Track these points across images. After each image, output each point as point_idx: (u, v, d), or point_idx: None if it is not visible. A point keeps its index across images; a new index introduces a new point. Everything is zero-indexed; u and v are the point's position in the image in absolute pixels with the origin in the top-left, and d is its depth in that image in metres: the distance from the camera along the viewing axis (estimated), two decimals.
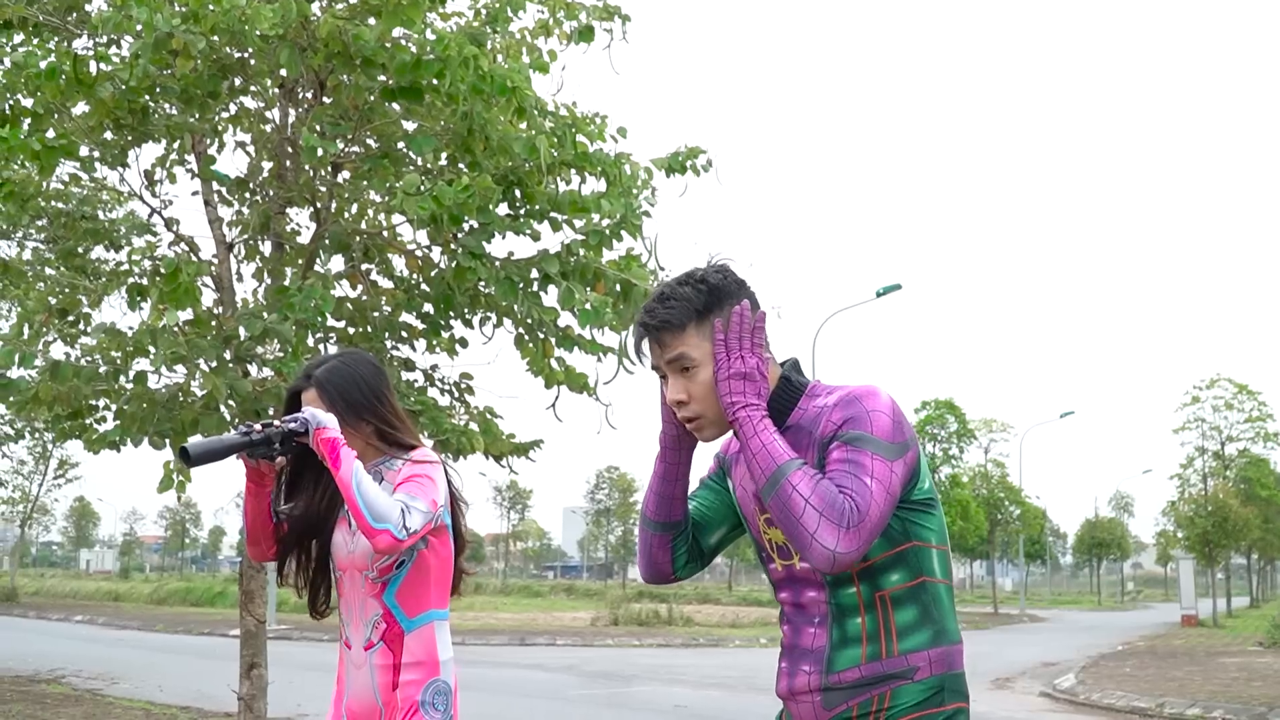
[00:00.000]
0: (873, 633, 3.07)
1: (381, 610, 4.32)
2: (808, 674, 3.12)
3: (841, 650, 3.08)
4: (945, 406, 63.18)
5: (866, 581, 3.07)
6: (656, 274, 10.04)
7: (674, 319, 3.14)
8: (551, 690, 19.79)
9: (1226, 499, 53.26)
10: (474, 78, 8.66)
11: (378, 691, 4.31)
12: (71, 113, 9.38)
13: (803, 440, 3.13)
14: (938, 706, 3.05)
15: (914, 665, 3.05)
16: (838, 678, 3.07)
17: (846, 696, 3.06)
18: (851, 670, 3.06)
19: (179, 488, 9.83)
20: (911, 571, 3.09)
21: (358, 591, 4.37)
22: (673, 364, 3.15)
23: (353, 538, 4.37)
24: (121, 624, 39.72)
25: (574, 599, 68.44)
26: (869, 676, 3.05)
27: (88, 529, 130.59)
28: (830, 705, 3.08)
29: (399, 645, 4.31)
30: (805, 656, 3.14)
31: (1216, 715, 17.63)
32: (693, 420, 3.17)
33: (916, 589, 3.09)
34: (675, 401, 3.15)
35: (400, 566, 4.31)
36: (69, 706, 15.43)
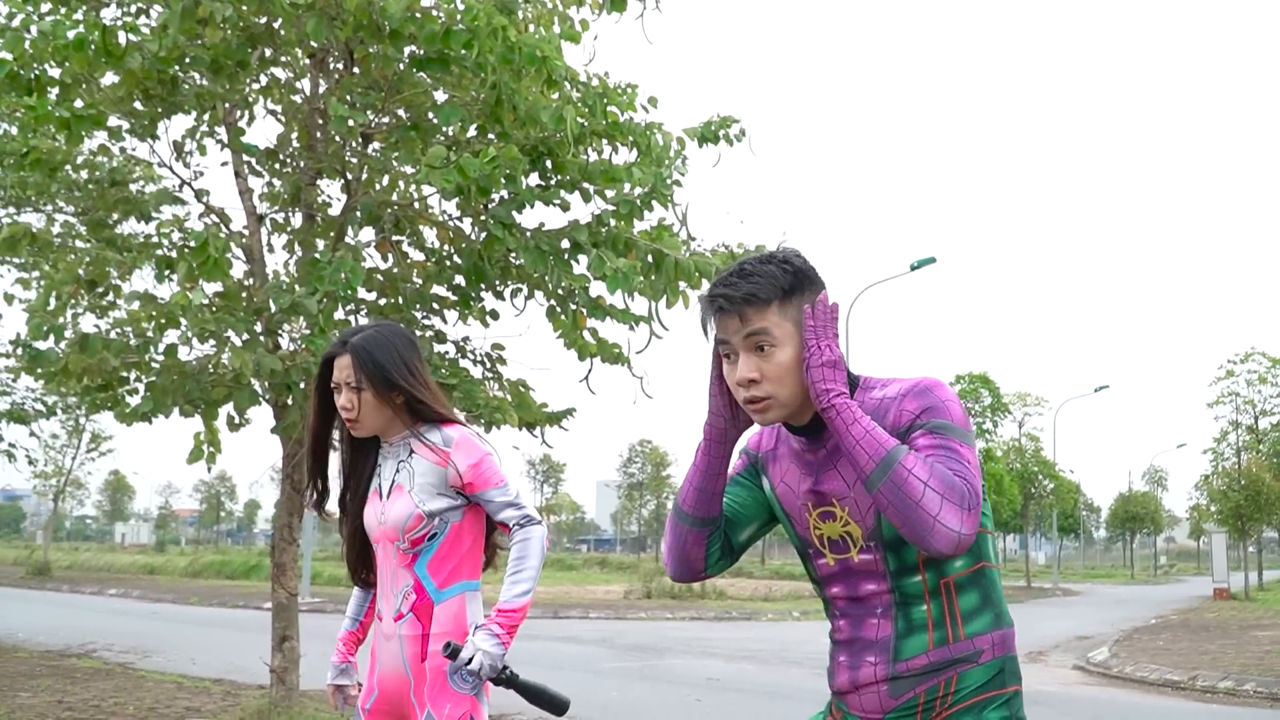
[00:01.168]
0: (939, 619, 3.05)
1: (412, 581, 4.35)
2: (873, 664, 3.09)
3: (908, 638, 3.06)
4: (979, 380, 63.02)
5: (933, 569, 3.05)
6: (688, 244, 9.98)
7: (760, 294, 3.05)
8: (584, 663, 19.78)
9: (1259, 473, 53.02)
10: (503, 48, 8.60)
11: (407, 663, 4.32)
12: (100, 83, 9.35)
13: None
14: (1000, 688, 3.06)
15: (979, 648, 3.05)
16: (905, 665, 3.05)
17: (914, 684, 3.04)
18: (920, 657, 3.04)
19: (209, 459, 9.84)
20: (973, 557, 3.09)
21: (389, 562, 4.39)
22: (750, 339, 3.05)
23: (385, 509, 4.39)
24: (156, 597, 39.82)
25: (607, 572, 68.48)
26: (937, 662, 3.03)
27: (122, 502, 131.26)
28: (897, 694, 3.05)
29: (428, 616, 4.33)
30: (869, 648, 3.11)
31: (1249, 688, 17.52)
32: (760, 401, 3.06)
33: (977, 574, 3.09)
34: (747, 379, 3.04)
35: (432, 539, 4.35)
36: (99, 680, 15.45)
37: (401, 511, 4.32)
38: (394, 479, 4.41)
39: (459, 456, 4.37)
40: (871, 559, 3.08)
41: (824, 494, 3.13)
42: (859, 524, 3.07)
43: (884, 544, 3.05)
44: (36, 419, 24.86)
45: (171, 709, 12.75)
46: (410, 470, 4.39)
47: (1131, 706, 16.25)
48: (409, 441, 4.45)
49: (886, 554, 3.06)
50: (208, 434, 9.98)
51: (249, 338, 9.22)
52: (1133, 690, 18.44)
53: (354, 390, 4.37)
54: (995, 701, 3.04)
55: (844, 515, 3.09)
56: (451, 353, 10.78)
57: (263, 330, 9.48)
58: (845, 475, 3.08)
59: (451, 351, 10.80)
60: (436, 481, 4.37)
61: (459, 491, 4.40)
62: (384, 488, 4.42)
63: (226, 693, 14.37)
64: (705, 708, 14.27)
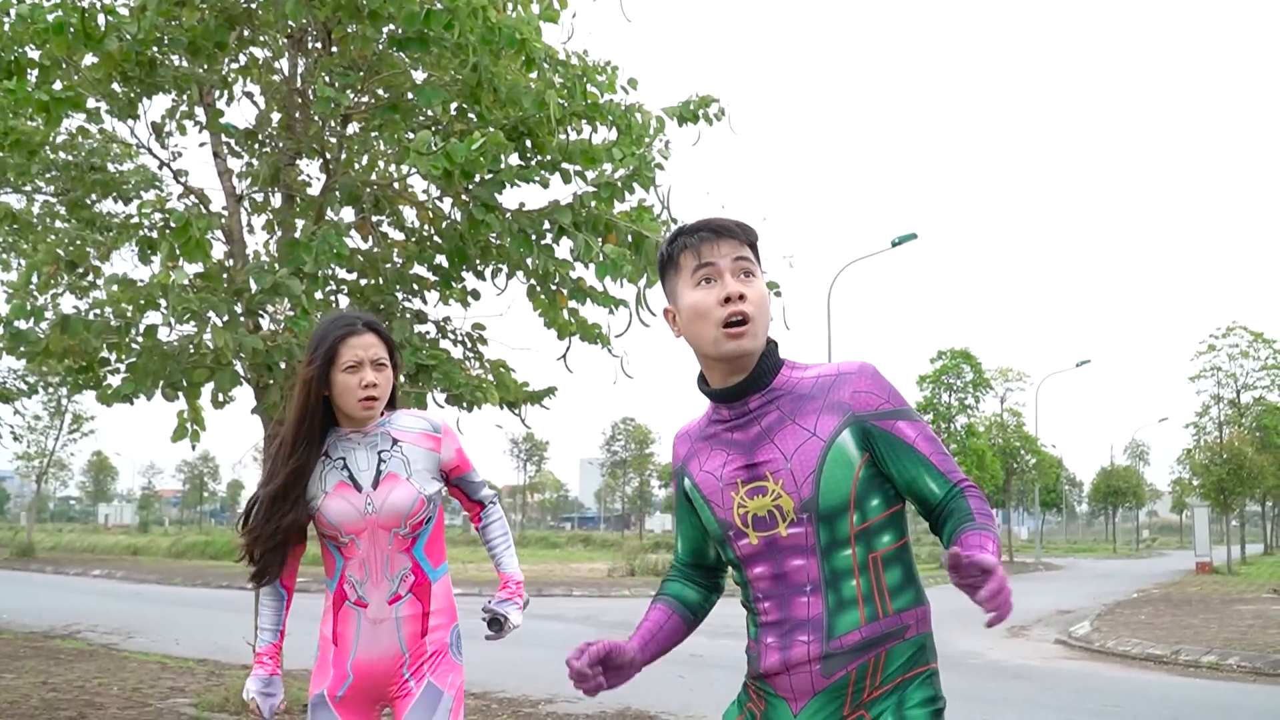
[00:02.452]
0: (868, 594, 3.09)
1: (410, 564, 4.44)
2: (806, 643, 3.10)
3: (840, 615, 3.08)
4: (961, 356, 63.04)
5: (863, 543, 3.10)
6: (669, 225, 9.99)
7: (749, 230, 3.23)
8: (568, 641, 19.65)
9: (1242, 446, 53.18)
10: (482, 29, 8.59)
11: (404, 641, 4.42)
12: (79, 65, 9.33)
13: (807, 406, 3.14)
14: (924, 665, 3.12)
15: (906, 623, 3.10)
16: (839, 643, 3.07)
17: (846, 661, 3.06)
18: (853, 633, 3.06)
19: (193, 437, 9.83)
20: (899, 532, 3.15)
21: (380, 550, 4.42)
22: (739, 262, 3.16)
23: (374, 498, 4.40)
24: (140, 578, 39.83)
25: (590, 550, 68.57)
26: (869, 638, 3.06)
27: (106, 483, 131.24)
28: (829, 672, 3.07)
29: (427, 595, 4.47)
30: (801, 626, 3.12)
31: (1232, 663, 17.61)
32: (742, 322, 3.12)
33: (902, 549, 3.15)
34: (738, 293, 3.11)
35: (428, 522, 4.48)
36: (84, 661, 15.46)
37: (404, 498, 4.38)
38: (380, 468, 4.43)
39: (448, 441, 4.55)
40: (801, 532, 3.10)
41: (757, 468, 3.15)
42: (792, 496, 3.09)
43: (817, 515, 3.08)
44: (19, 397, 24.82)
45: (156, 689, 12.77)
46: (403, 458, 4.44)
47: (1114, 681, 16.32)
48: (387, 431, 4.50)
49: (819, 526, 3.08)
50: (191, 412, 9.97)
51: (229, 318, 9.20)
52: (1115, 664, 18.53)
53: (379, 367, 4.43)
54: (918, 679, 3.09)
55: (776, 488, 3.11)
56: (432, 333, 10.77)
57: (243, 311, 9.47)
58: (783, 447, 3.12)
59: (432, 332, 10.79)
60: (430, 467, 4.49)
61: (444, 475, 4.57)
62: (363, 478, 4.42)
63: (211, 673, 14.40)
64: (689, 684, 14.32)
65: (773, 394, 3.19)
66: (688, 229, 3.23)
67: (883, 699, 3.07)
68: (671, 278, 3.26)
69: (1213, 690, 15.37)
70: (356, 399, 4.38)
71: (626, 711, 12.13)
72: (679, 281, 3.22)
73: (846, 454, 3.08)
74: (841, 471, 3.07)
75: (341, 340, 4.40)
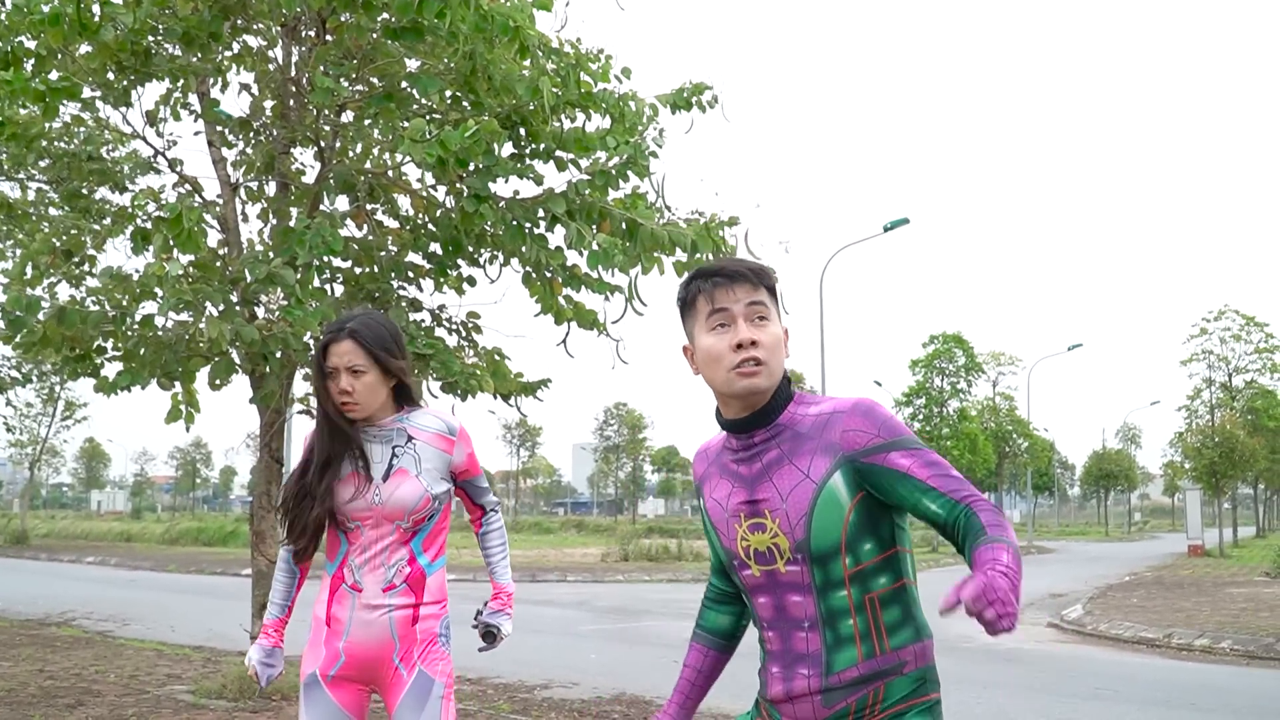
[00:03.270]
0: (864, 633, 3.18)
1: (407, 555, 4.56)
2: (806, 677, 3.22)
3: (838, 652, 3.19)
4: (953, 340, 63.10)
5: (858, 585, 3.19)
6: (662, 213, 10.01)
7: (765, 273, 3.31)
8: (562, 626, 19.88)
9: (1234, 430, 53.23)
10: (476, 17, 8.60)
11: (395, 629, 4.52)
12: (75, 54, 9.34)
13: (804, 446, 3.23)
14: (923, 696, 3.21)
15: (904, 659, 3.19)
16: (837, 678, 3.18)
17: (845, 694, 3.17)
18: (851, 670, 3.17)
19: (187, 419, 9.84)
20: (895, 574, 3.23)
21: (381, 539, 4.55)
22: (753, 307, 3.25)
23: (382, 491, 4.54)
24: (134, 564, 39.82)
25: (584, 535, 68.61)
26: (866, 674, 3.17)
27: (98, 470, 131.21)
28: (830, 704, 3.19)
29: (421, 587, 4.58)
30: (801, 660, 3.24)
31: (1225, 646, 17.68)
32: (755, 364, 3.21)
33: (899, 590, 3.23)
34: (750, 340, 3.21)
35: (430, 518, 4.60)
36: (79, 649, 15.47)
37: (410, 494, 4.51)
38: (392, 463, 4.57)
39: (461, 445, 4.69)
40: (798, 570, 3.20)
41: (757, 505, 3.25)
42: (788, 536, 3.18)
43: (810, 558, 3.17)
44: (12, 386, 24.88)
45: (153, 676, 12.80)
46: (415, 456, 4.58)
47: (1106, 664, 16.39)
48: (403, 428, 4.64)
49: (813, 568, 3.17)
50: (185, 395, 9.98)
51: (225, 307, 9.22)
52: (1107, 648, 18.60)
53: (355, 374, 4.52)
54: (918, 708, 3.19)
55: (774, 526, 3.21)
56: (427, 321, 10.80)
57: (239, 300, 9.49)
58: (780, 487, 3.20)
59: (427, 320, 10.81)
60: (440, 467, 4.62)
61: (453, 476, 4.70)
62: (375, 470, 4.55)
63: (207, 660, 14.43)
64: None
65: (777, 430, 3.28)
66: (704, 272, 3.32)
67: None
68: (689, 319, 3.36)
69: (1205, 673, 15.44)
70: (338, 404, 4.53)
71: (621, 696, 12.18)
72: (695, 324, 3.32)
73: (837, 497, 3.15)
74: (832, 514, 3.15)
75: (324, 349, 4.57)
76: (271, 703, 10.59)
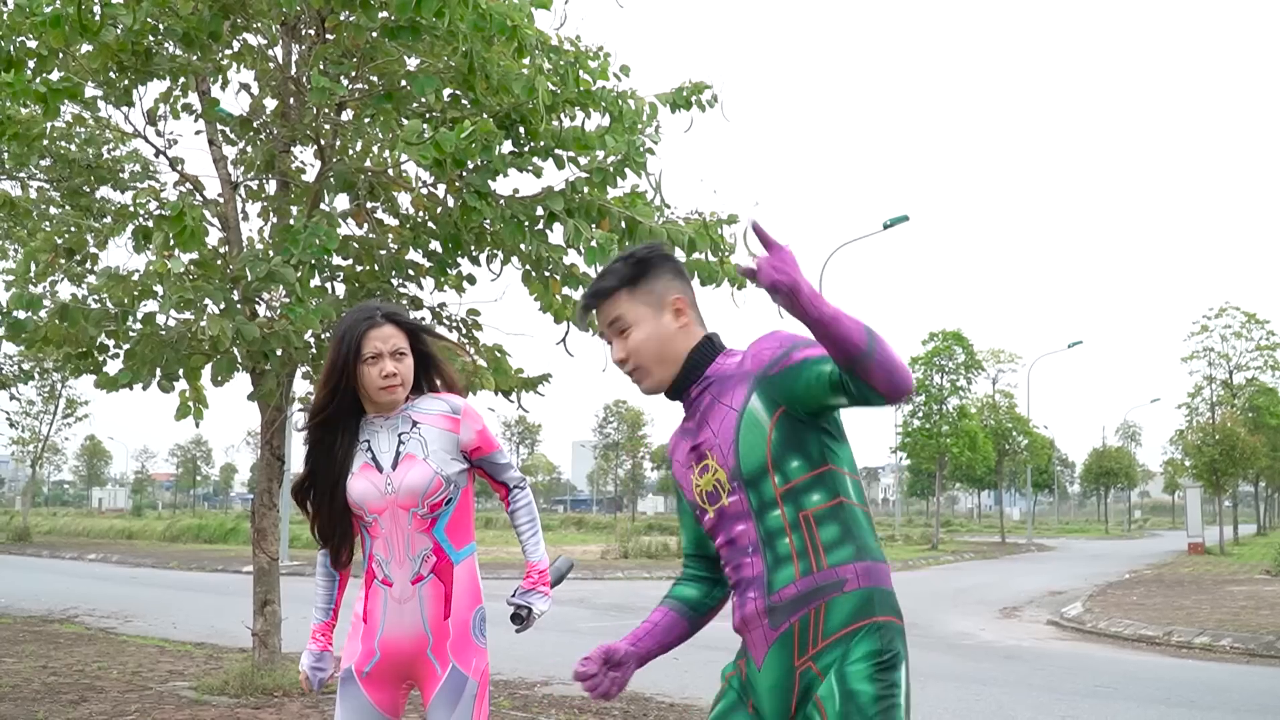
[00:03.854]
0: (801, 550, 3.29)
1: (431, 545, 4.56)
2: (754, 600, 3.34)
3: (776, 571, 3.31)
4: (953, 338, 62.97)
5: (790, 503, 3.31)
6: (661, 210, 10.04)
7: (606, 287, 3.55)
8: (563, 623, 19.87)
9: (1234, 427, 53.18)
10: (474, 16, 8.63)
11: (427, 622, 4.54)
12: (76, 54, 9.37)
13: (728, 384, 3.43)
14: (869, 617, 3.25)
15: (843, 577, 3.27)
16: (778, 597, 3.29)
17: (787, 614, 3.28)
18: (789, 587, 3.28)
19: (196, 415, 9.87)
20: (830, 492, 3.33)
21: (401, 529, 4.56)
22: (613, 326, 3.53)
23: (393, 479, 4.55)
24: (135, 561, 39.79)
25: (584, 532, 68.53)
26: (805, 590, 3.26)
27: (99, 467, 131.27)
28: (775, 624, 3.30)
29: (449, 576, 4.58)
30: (750, 585, 3.36)
31: (1225, 644, 17.70)
32: (635, 372, 3.55)
33: (836, 508, 3.33)
34: (618, 360, 3.54)
35: (448, 503, 4.59)
36: (82, 645, 15.50)
37: (420, 478, 4.51)
38: (399, 449, 4.59)
39: (468, 422, 4.69)
40: (737, 499, 3.37)
41: (699, 448, 3.48)
42: (724, 467, 3.37)
43: (744, 483, 3.34)
44: (15, 383, 24.93)
45: (155, 673, 12.83)
46: (421, 439, 4.60)
47: (1106, 662, 16.41)
48: (407, 414, 4.67)
49: (748, 492, 3.34)
50: (193, 392, 10.02)
51: (226, 305, 9.25)
52: (1107, 645, 18.61)
53: (398, 357, 4.59)
54: (861, 632, 3.24)
55: (713, 463, 3.41)
56: (428, 319, 10.83)
57: (240, 298, 9.52)
58: (713, 425, 3.43)
59: (428, 318, 10.84)
60: (449, 447, 4.62)
61: (466, 456, 4.69)
62: (384, 459, 4.58)
63: (209, 656, 14.46)
64: (683, 665, 14.39)
65: (706, 381, 3.50)
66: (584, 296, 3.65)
67: (829, 650, 3.24)
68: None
69: (1205, 671, 15.46)
70: (378, 386, 4.54)
71: (622, 693, 12.21)
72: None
73: (756, 418, 3.32)
74: (755, 436, 3.32)
75: (364, 335, 4.57)
76: (273, 699, 10.62)
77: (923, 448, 59.44)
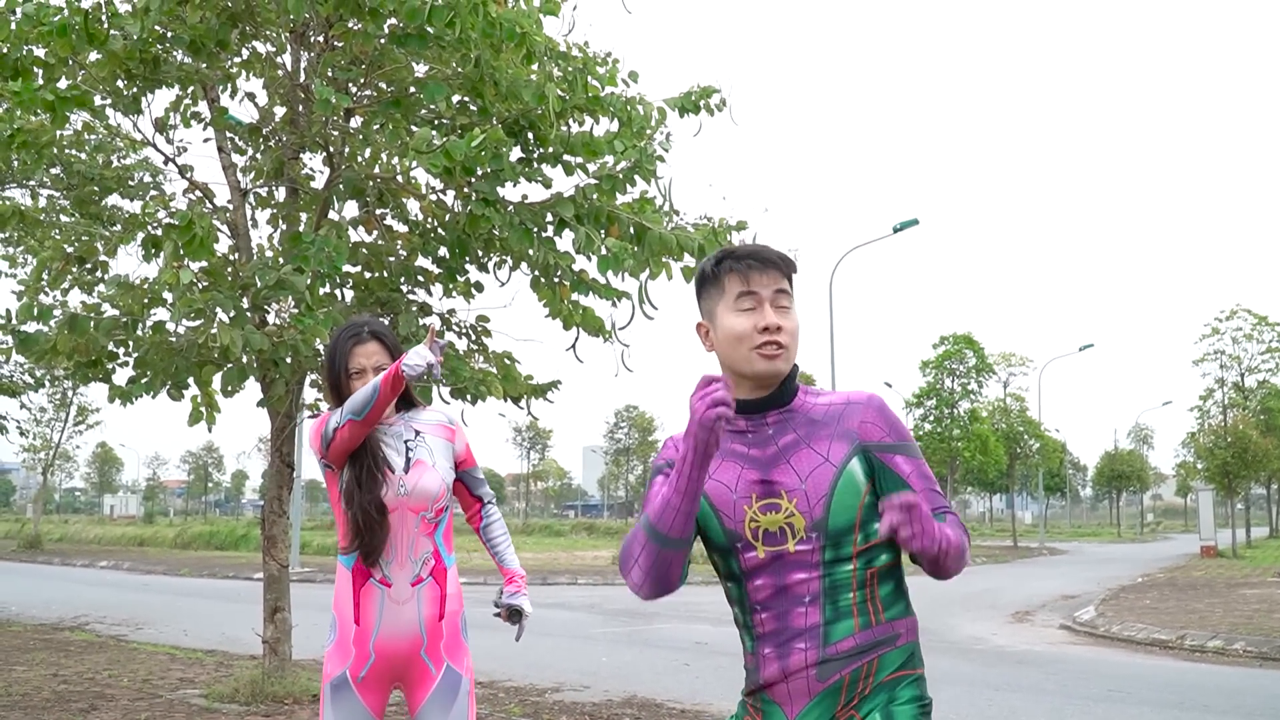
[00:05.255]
0: (861, 605, 3.27)
1: (431, 548, 4.70)
2: (803, 650, 3.26)
3: (835, 624, 3.25)
4: (964, 341, 62.89)
5: (863, 560, 3.28)
6: (670, 217, 10.02)
7: (793, 264, 3.42)
8: (573, 628, 19.87)
9: (1246, 430, 53.08)
10: (484, 23, 8.63)
11: (423, 623, 4.64)
12: (84, 62, 9.37)
13: (820, 431, 3.34)
14: (911, 669, 3.30)
15: (897, 632, 3.29)
16: (834, 649, 3.24)
17: (841, 666, 3.23)
18: (848, 640, 3.24)
19: (209, 420, 9.88)
20: (894, 552, 3.34)
21: (407, 532, 4.66)
22: (780, 294, 3.35)
23: (405, 482, 4.66)
24: (146, 569, 39.85)
25: (595, 538, 68.55)
26: (863, 644, 3.24)
27: (111, 474, 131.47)
28: (825, 677, 3.24)
29: (444, 579, 4.72)
30: (798, 636, 3.28)
31: (1238, 647, 17.64)
32: (777, 348, 3.31)
33: (894, 567, 3.35)
34: (776, 325, 3.30)
35: (445, 510, 4.76)
36: (92, 653, 15.50)
37: (432, 484, 4.68)
38: (409, 455, 4.71)
39: (460, 435, 4.88)
40: (809, 549, 3.26)
41: (773, 485, 3.30)
42: (805, 515, 3.26)
43: (826, 535, 3.25)
44: (25, 391, 24.96)
45: (165, 680, 12.83)
46: (428, 447, 4.76)
47: (1119, 666, 16.36)
48: (410, 423, 4.80)
49: (826, 545, 3.25)
50: (204, 398, 10.03)
51: (235, 314, 9.25)
52: (1120, 649, 18.56)
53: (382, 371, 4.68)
54: (907, 680, 3.27)
55: (790, 506, 3.27)
56: (437, 325, 10.81)
57: (249, 306, 9.52)
58: (799, 470, 3.28)
59: (437, 324, 10.83)
60: (449, 456, 4.81)
61: (456, 467, 4.86)
62: (396, 463, 4.68)
63: (219, 663, 14.46)
64: (693, 671, 14.38)
65: (789, 415, 3.37)
66: (736, 254, 3.39)
67: (872, 696, 3.23)
68: (711, 295, 3.41)
69: (1218, 675, 15.42)
70: None
71: (632, 699, 12.19)
72: (719, 302, 3.38)
73: (855, 481, 3.27)
74: (850, 497, 3.26)
75: (349, 352, 4.74)
76: (284, 706, 10.62)
77: (934, 451, 59.30)
